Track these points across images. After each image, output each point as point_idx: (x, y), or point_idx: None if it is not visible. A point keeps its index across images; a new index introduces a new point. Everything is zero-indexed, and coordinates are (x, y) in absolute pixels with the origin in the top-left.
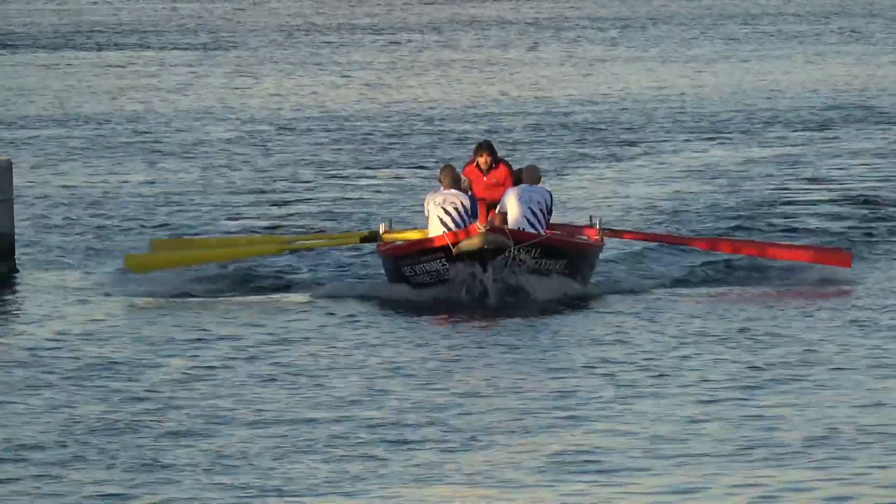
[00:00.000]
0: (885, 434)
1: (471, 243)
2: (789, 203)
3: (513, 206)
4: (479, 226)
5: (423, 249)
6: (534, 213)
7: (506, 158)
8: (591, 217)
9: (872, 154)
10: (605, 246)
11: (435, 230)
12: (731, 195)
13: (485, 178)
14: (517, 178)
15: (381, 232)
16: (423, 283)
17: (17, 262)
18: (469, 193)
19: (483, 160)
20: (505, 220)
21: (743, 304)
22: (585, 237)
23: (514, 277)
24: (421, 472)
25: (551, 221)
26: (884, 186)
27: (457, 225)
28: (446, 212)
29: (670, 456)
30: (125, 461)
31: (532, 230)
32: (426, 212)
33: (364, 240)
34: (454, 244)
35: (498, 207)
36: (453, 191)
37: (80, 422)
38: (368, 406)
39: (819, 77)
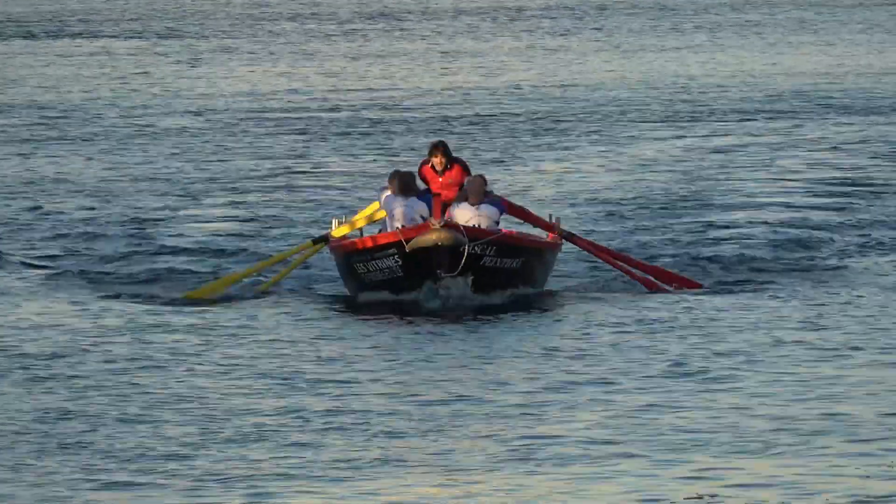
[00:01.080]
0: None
1: (425, 239)
2: (727, 196)
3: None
4: (433, 222)
5: (376, 246)
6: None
7: (460, 157)
8: (549, 216)
9: (825, 147)
10: (563, 246)
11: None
12: (678, 186)
13: (440, 179)
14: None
15: (332, 230)
16: (376, 280)
17: None
18: (424, 191)
19: (438, 161)
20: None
21: (708, 299)
22: (543, 235)
23: (466, 282)
24: (386, 463)
25: (512, 202)
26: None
27: None
28: (412, 220)
29: (627, 449)
30: (81, 454)
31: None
32: (390, 218)
33: (317, 242)
34: (407, 240)
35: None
36: (413, 198)
37: (39, 412)
38: (326, 400)
39: (772, 66)
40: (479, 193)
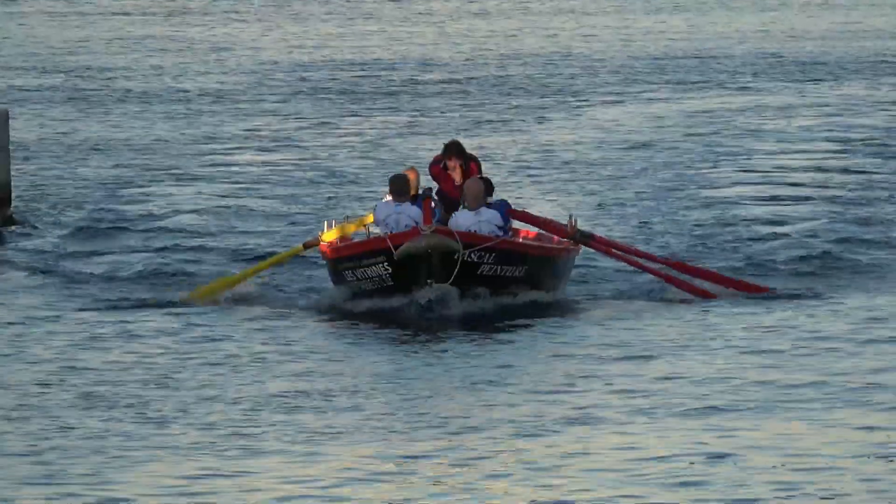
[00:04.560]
0: None
1: (414, 246)
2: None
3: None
4: (423, 227)
5: (364, 252)
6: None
7: (474, 155)
8: (570, 216)
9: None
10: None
11: None
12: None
13: (455, 182)
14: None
15: (321, 233)
16: (365, 289)
17: (13, 212)
18: (432, 194)
19: (452, 164)
20: None
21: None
22: (555, 240)
23: (464, 290)
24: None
25: (528, 212)
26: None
27: None
28: (405, 227)
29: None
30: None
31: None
32: (374, 225)
33: (308, 246)
34: (396, 247)
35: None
36: (406, 204)
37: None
38: (313, 413)
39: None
40: (478, 198)
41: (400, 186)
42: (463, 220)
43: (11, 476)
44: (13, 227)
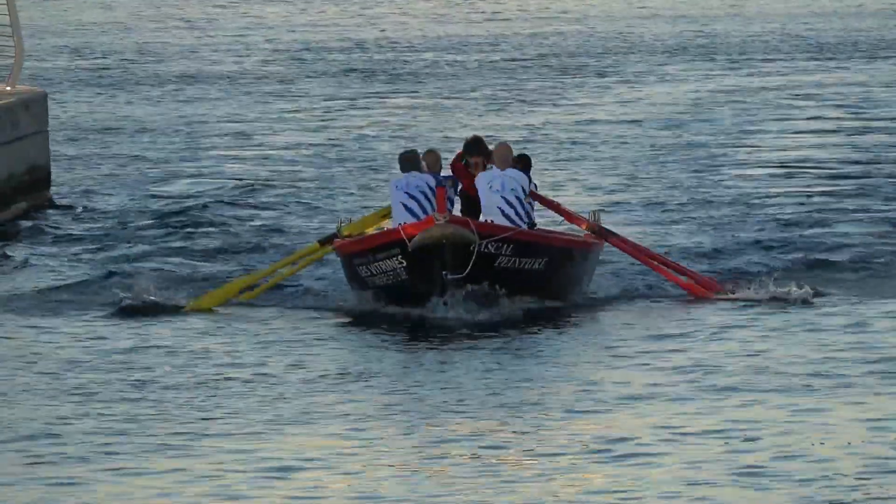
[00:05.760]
0: None
1: (428, 237)
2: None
3: (484, 195)
4: (437, 216)
5: (377, 245)
6: (509, 204)
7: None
8: (594, 213)
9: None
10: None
11: (398, 218)
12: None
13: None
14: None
15: (338, 228)
16: (380, 284)
17: (52, 194)
18: (447, 184)
19: (475, 160)
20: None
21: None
22: (577, 232)
23: (480, 284)
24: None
25: (541, 194)
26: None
27: (424, 211)
28: (410, 196)
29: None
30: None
31: (508, 222)
32: (391, 199)
33: (324, 243)
34: (410, 238)
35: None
36: (416, 172)
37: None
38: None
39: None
40: (507, 160)
41: (408, 161)
42: (485, 177)
43: (32, 454)
44: (53, 210)
